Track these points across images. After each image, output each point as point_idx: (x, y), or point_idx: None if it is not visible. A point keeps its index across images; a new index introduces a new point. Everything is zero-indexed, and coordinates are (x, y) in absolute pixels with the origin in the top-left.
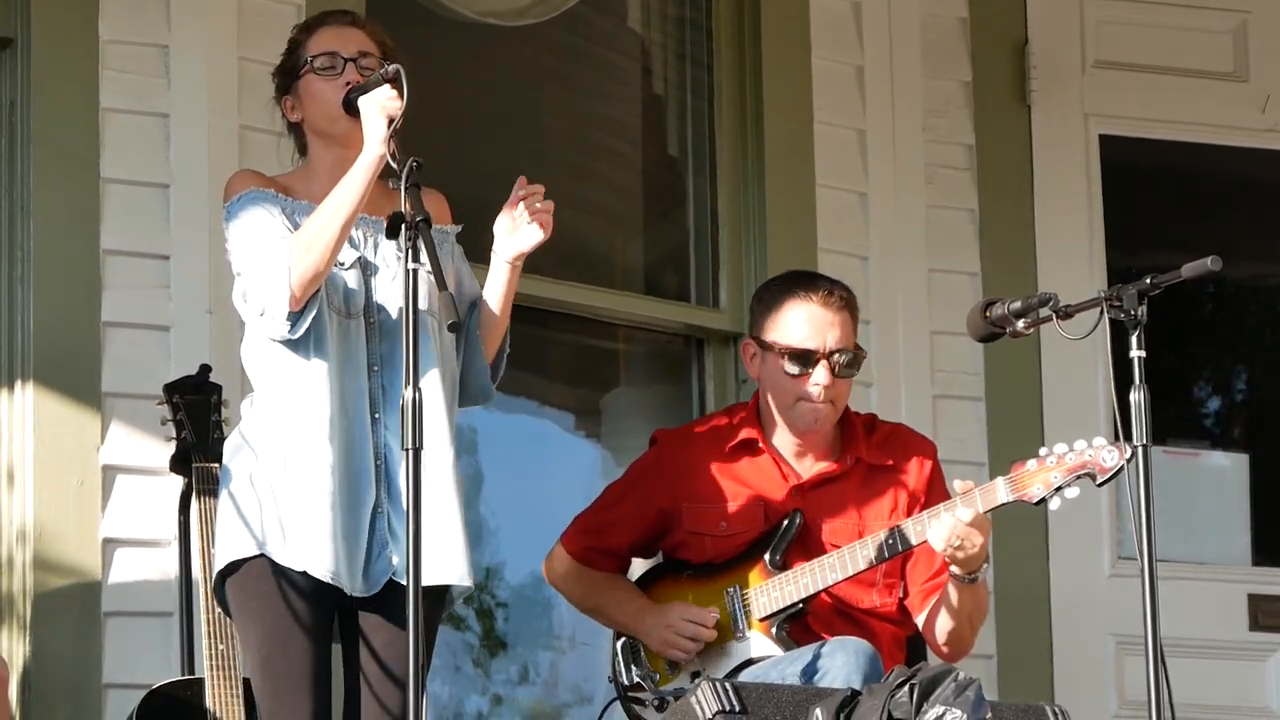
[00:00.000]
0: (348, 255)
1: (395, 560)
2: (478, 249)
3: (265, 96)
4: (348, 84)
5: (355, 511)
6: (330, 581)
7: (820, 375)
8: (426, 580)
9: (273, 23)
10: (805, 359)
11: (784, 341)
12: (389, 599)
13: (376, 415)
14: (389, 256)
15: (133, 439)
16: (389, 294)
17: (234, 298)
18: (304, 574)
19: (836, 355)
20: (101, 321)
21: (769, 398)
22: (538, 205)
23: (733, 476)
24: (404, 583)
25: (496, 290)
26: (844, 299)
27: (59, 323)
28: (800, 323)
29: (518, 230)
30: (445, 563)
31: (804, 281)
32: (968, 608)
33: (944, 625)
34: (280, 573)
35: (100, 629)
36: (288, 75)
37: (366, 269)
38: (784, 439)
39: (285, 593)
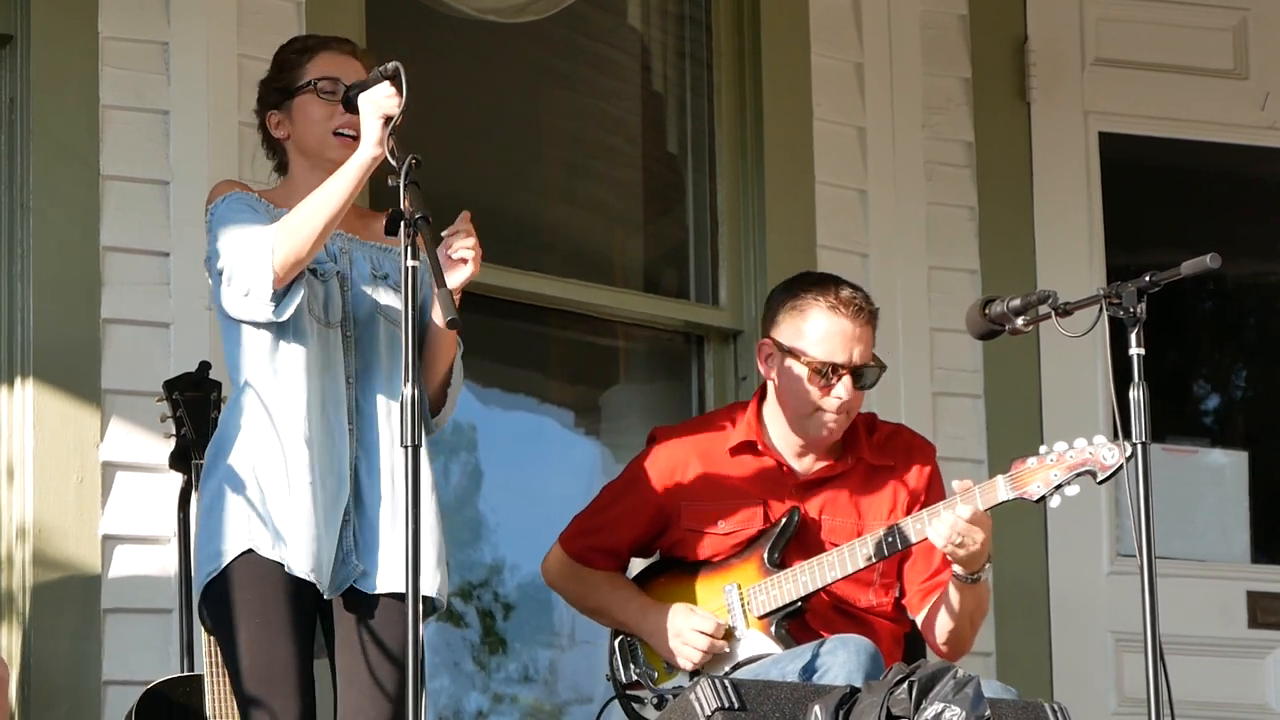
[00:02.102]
0: (330, 265)
1: (360, 569)
2: None
3: None
4: (345, 113)
5: (331, 514)
6: (308, 578)
7: (842, 390)
8: (387, 587)
9: (272, 20)
10: (829, 372)
11: (809, 353)
12: (363, 610)
13: (351, 427)
14: (362, 277)
15: (132, 436)
16: (366, 308)
17: (219, 297)
18: (285, 575)
19: (860, 370)
20: (101, 318)
21: (781, 401)
22: (458, 245)
23: (731, 475)
24: (367, 591)
25: (438, 314)
26: (870, 313)
27: (59, 319)
28: (827, 335)
29: (450, 267)
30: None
31: (830, 290)
32: (969, 607)
33: (944, 625)
34: (262, 577)
35: (100, 626)
36: (280, 91)
37: (344, 283)
38: (785, 439)
39: (267, 597)
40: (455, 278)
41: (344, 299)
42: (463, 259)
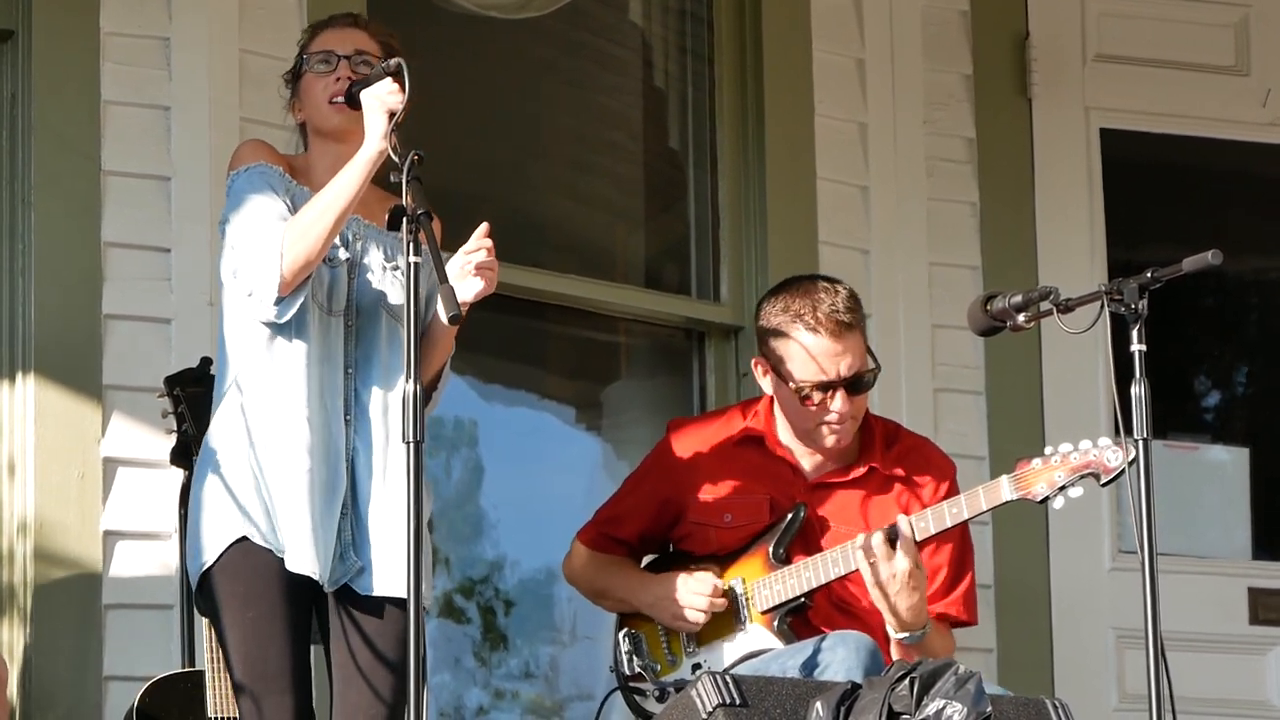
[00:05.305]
0: (341, 253)
1: (358, 565)
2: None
3: (266, 89)
4: (337, 79)
5: (328, 507)
6: (304, 573)
7: (838, 404)
8: (382, 590)
9: (274, 15)
10: (820, 391)
11: (798, 377)
12: (359, 609)
13: (348, 418)
14: (375, 264)
15: (134, 431)
16: (371, 299)
17: (222, 269)
18: (281, 567)
19: (853, 380)
20: (102, 314)
21: (784, 414)
22: (481, 262)
23: (741, 471)
24: (361, 592)
25: (438, 326)
26: (849, 320)
27: (60, 315)
28: (812, 357)
29: (464, 278)
30: (398, 574)
31: (809, 309)
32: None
33: None
34: (257, 569)
35: (101, 621)
36: (294, 76)
37: (353, 270)
38: (794, 439)
39: (264, 591)
40: (467, 288)
41: (350, 287)
42: (484, 278)
